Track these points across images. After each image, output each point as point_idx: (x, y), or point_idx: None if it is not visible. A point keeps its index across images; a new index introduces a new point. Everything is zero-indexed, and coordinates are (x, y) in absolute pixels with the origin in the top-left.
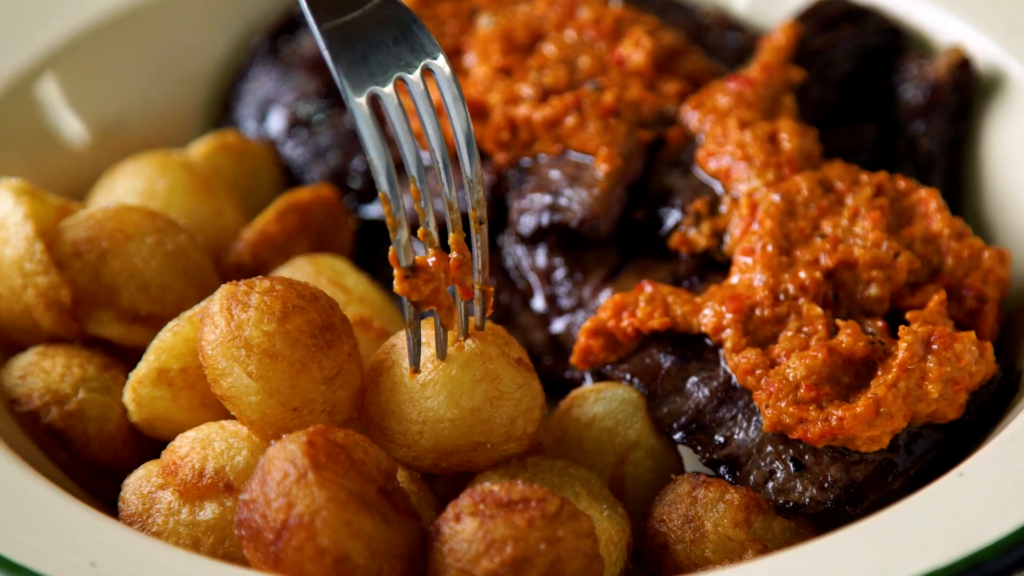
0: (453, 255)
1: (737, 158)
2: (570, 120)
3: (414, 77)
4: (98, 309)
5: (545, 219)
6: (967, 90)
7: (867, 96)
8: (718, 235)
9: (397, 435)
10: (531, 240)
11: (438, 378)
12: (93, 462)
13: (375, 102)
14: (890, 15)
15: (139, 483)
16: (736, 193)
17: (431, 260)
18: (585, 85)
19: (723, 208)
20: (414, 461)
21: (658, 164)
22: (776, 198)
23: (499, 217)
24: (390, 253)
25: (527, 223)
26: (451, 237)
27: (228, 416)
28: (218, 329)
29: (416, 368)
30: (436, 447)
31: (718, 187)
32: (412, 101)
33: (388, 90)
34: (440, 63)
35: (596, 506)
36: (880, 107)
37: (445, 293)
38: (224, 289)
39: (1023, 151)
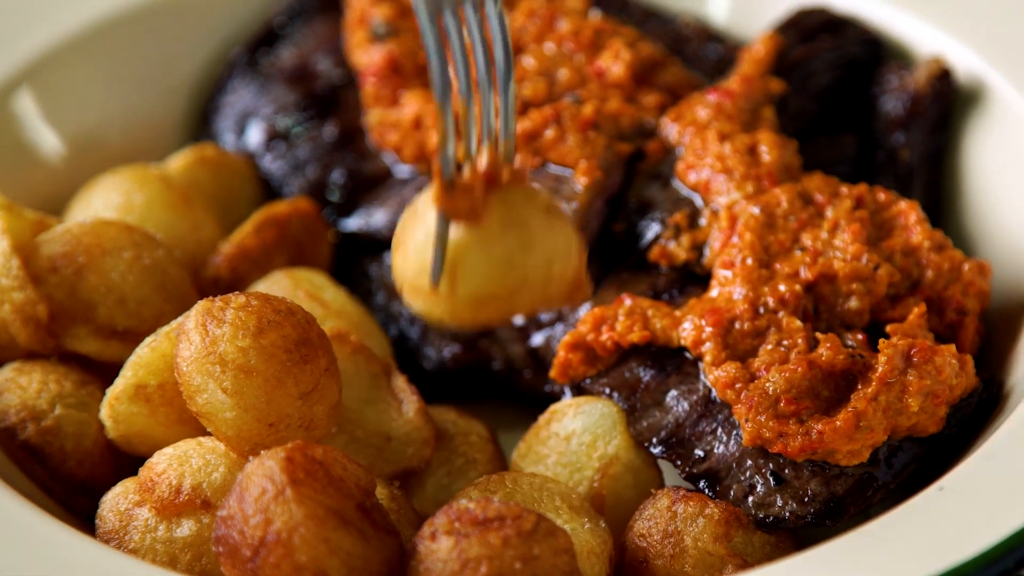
0: (484, 160)
1: (717, 170)
2: (549, 133)
3: (470, 12)
4: (75, 324)
5: None
6: (947, 101)
7: (847, 107)
8: (698, 248)
9: (425, 291)
10: None
11: (464, 233)
12: (70, 479)
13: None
14: (870, 26)
15: (116, 500)
16: (716, 206)
17: (466, 174)
18: (564, 98)
19: (703, 221)
20: (453, 317)
21: (637, 176)
22: (756, 211)
23: None
24: (434, 166)
25: None
26: (484, 149)
27: (206, 432)
28: (193, 345)
29: (437, 284)
30: (472, 297)
31: (698, 200)
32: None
33: (452, 21)
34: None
35: (577, 519)
36: (860, 118)
37: (479, 208)
38: (200, 305)
39: (1003, 162)
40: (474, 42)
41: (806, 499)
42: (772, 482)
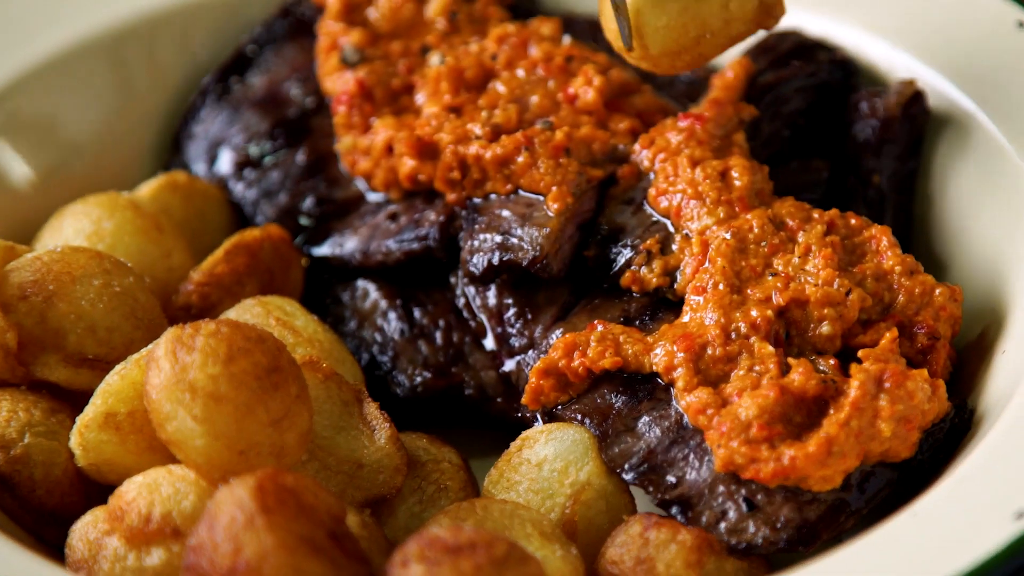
0: None
1: (688, 196)
2: (521, 159)
3: None
4: (45, 352)
5: (496, 258)
6: (919, 125)
7: (819, 132)
8: (670, 274)
9: (626, 53)
10: (482, 279)
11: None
12: (39, 508)
13: None
14: (842, 50)
15: (86, 529)
16: (687, 231)
17: None
18: (536, 124)
19: (675, 246)
20: (659, 69)
21: (610, 202)
22: (727, 236)
23: (450, 257)
24: None
25: (478, 262)
26: None
27: (177, 460)
28: (163, 373)
29: (630, 47)
30: (664, 53)
31: (670, 225)
32: None
33: None
34: None
35: (549, 546)
36: (832, 143)
37: None
38: (170, 332)
39: (974, 188)
40: None
41: (778, 525)
42: (744, 508)
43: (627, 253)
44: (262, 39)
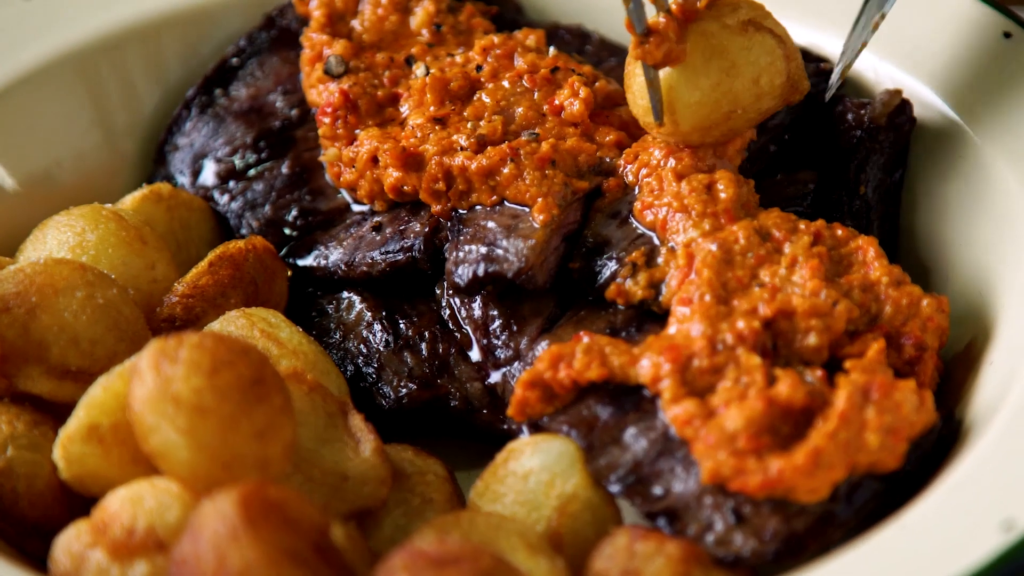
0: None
1: (674, 209)
2: (506, 170)
3: None
4: (27, 365)
5: (481, 269)
6: (905, 134)
7: (805, 143)
8: (655, 286)
9: (656, 128)
10: (467, 291)
11: (671, 70)
12: (22, 520)
13: None
14: (828, 61)
15: (69, 542)
16: (673, 243)
17: (661, 21)
18: (522, 135)
19: (660, 259)
20: (687, 142)
21: (595, 214)
22: (713, 247)
23: (435, 268)
24: (625, 22)
25: (463, 274)
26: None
27: (160, 472)
28: (146, 385)
29: (661, 123)
30: (694, 128)
31: (655, 238)
32: None
33: None
34: None
35: (534, 559)
36: (818, 153)
37: (676, 50)
38: (153, 344)
39: (960, 198)
40: None
41: (766, 536)
42: (731, 519)
43: (612, 265)
44: (246, 50)
